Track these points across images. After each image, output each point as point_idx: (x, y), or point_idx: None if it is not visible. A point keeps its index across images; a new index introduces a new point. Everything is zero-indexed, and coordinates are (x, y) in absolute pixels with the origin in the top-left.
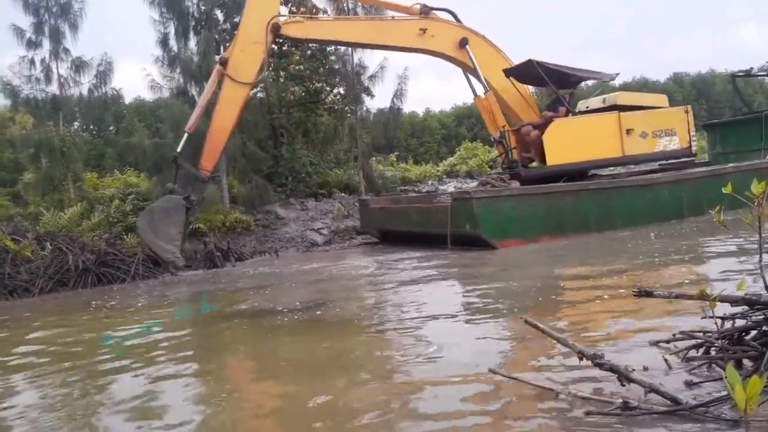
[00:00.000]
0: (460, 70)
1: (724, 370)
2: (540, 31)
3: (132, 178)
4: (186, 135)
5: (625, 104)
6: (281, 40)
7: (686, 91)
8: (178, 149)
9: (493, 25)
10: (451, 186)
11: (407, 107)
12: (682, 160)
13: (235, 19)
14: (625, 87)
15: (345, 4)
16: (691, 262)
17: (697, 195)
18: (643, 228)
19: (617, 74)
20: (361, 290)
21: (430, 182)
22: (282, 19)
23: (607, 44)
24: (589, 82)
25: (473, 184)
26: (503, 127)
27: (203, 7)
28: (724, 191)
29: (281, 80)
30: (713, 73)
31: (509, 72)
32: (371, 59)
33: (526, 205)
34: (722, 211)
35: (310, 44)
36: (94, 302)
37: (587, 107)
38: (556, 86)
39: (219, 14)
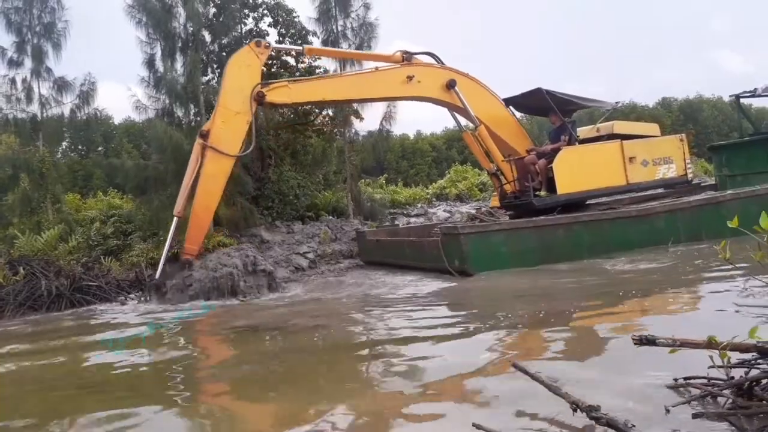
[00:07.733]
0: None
1: (734, 425)
2: (525, 58)
3: (115, 200)
4: (167, 251)
5: (621, 133)
6: (271, 61)
7: (674, 115)
8: (157, 275)
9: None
10: (440, 209)
11: (398, 129)
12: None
13: (222, 41)
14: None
15: (334, 26)
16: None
17: (693, 223)
18: (638, 255)
19: (618, 103)
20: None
21: (419, 205)
22: (266, 87)
23: (594, 69)
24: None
25: (464, 207)
26: (509, 156)
27: (191, 28)
28: (729, 225)
29: None
30: (700, 98)
31: (510, 101)
32: None
33: (516, 239)
34: (724, 242)
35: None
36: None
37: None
38: (561, 115)
39: (206, 35)
